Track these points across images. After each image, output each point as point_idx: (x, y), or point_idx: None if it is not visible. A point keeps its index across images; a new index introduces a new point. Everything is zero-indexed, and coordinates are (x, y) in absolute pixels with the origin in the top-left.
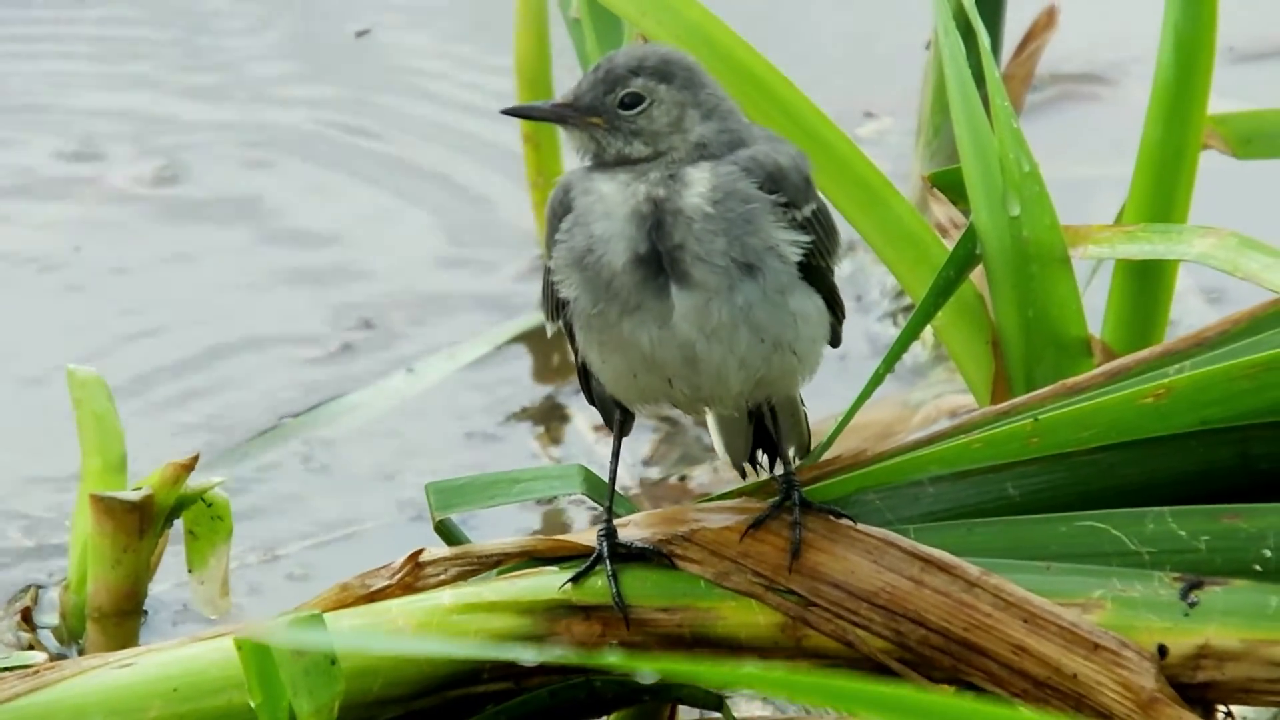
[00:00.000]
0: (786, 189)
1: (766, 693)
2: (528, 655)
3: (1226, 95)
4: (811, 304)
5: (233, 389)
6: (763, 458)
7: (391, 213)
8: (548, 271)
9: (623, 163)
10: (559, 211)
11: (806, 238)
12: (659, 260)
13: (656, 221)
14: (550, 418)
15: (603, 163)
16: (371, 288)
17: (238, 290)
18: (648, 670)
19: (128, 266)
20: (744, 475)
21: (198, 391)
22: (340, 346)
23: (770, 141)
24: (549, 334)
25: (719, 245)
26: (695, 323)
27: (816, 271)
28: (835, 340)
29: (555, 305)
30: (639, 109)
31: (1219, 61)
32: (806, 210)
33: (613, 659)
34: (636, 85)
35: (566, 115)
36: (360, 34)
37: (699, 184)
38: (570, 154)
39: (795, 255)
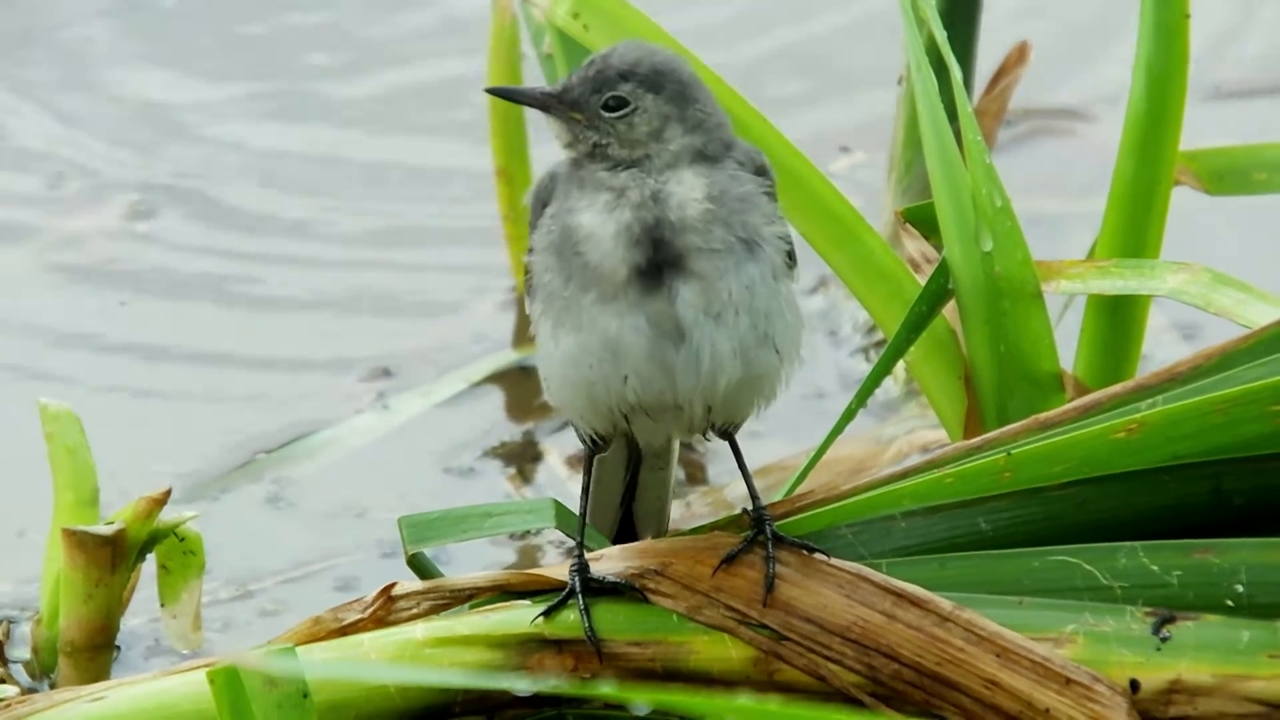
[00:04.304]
0: (772, 182)
1: None
2: (521, 685)
3: (1209, 133)
4: (794, 303)
5: (209, 423)
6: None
7: (365, 247)
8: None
9: (600, 160)
10: (543, 197)
11: (786, 230)
12: (653, 265)
13: (652, 240)
14: (525, 455)
15: (584, 155)
16: (361, 328)
17: (226, 325)
18: (641, 702)
19: (105, 301)
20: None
21: (172, 425)
22: (375, 395)
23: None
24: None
25: (718, 233)
26: (698, 305)
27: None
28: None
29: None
30: (621, 114)
31: (1203, 98)
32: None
33: (606, 689)
34: (623, 90)
35: (550, 104)
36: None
37: (695, 189)
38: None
39: (783, 245)
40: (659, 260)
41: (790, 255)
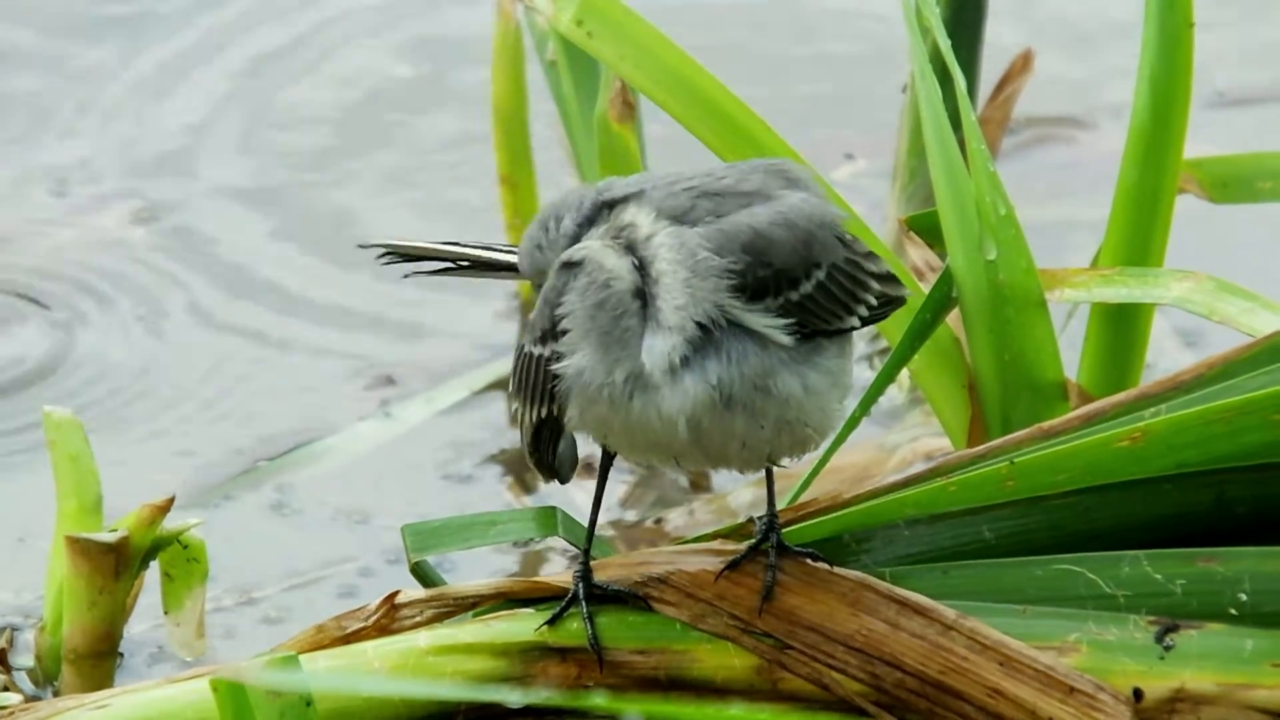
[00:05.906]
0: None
1: None
2: (514, 697)
3: (1212, 140)
4: (815, 374)
5: (212, 430)
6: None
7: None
8: (535, 360)
9: None
10: (560, 289)
11: (784, 320)
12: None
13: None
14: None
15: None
16: (364, 336)
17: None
18: (633, 713)
19: (111, 306)
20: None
21: (174, 433)
22: (379, 403)
23: (774, 204)
24: (523, 421)
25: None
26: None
27: (828, 334)
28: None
29: (542, 390)
30: None
31: (1206, 106)
32: (808, 280)
33: (598, 700)
34: None
35: None
36: None
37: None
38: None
39: (781, 337)
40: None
41: (820, 319)
